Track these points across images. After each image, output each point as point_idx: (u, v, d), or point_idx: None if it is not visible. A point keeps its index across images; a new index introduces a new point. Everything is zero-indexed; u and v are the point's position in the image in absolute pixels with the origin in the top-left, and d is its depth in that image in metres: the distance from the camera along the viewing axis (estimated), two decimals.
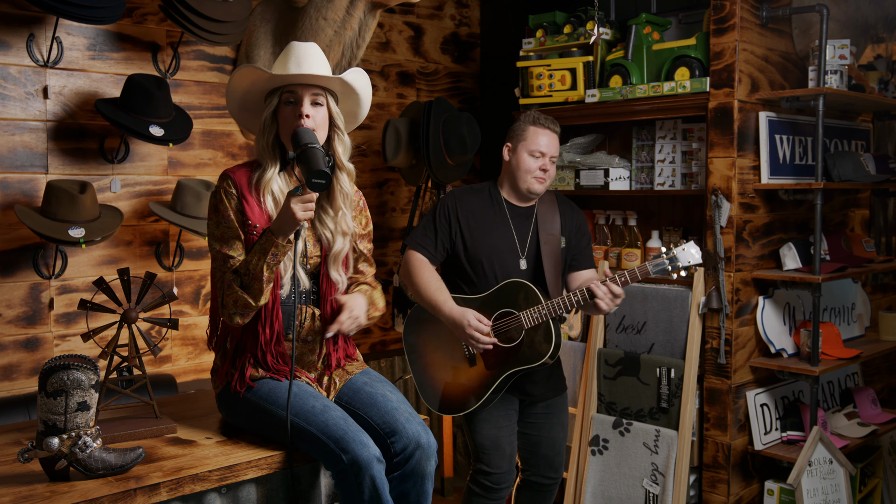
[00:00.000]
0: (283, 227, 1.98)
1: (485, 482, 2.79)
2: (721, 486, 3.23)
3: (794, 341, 3.34)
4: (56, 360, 1.85)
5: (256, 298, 2.03)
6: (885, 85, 3.53)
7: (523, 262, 2.81)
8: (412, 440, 2.05)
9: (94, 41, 3.09)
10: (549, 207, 2.88)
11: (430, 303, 2.74)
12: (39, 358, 2.99)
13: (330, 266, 2.18)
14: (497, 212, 2.84)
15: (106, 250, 3.14)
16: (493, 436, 2.78)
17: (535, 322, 2.67)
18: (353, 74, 2.17)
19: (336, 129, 2.17)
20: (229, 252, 2.08)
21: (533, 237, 2.83)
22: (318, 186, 1.94)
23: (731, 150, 3.13)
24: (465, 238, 2.81)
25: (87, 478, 1.86)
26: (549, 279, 2.78)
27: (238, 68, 2.15)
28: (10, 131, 2.92)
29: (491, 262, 2.79)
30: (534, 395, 2.85)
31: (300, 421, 2.02)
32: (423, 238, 2.82)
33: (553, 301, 2.66)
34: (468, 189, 2.91)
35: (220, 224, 2.10)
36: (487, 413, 2.79)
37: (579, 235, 2.92)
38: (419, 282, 2.76)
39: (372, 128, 4.00)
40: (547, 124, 2.81)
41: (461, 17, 4.46)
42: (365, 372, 2.28)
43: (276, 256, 2.00)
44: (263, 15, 3.46)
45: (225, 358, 2.19)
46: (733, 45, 3.10)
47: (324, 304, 2.19)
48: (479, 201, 2.86)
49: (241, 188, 2.11)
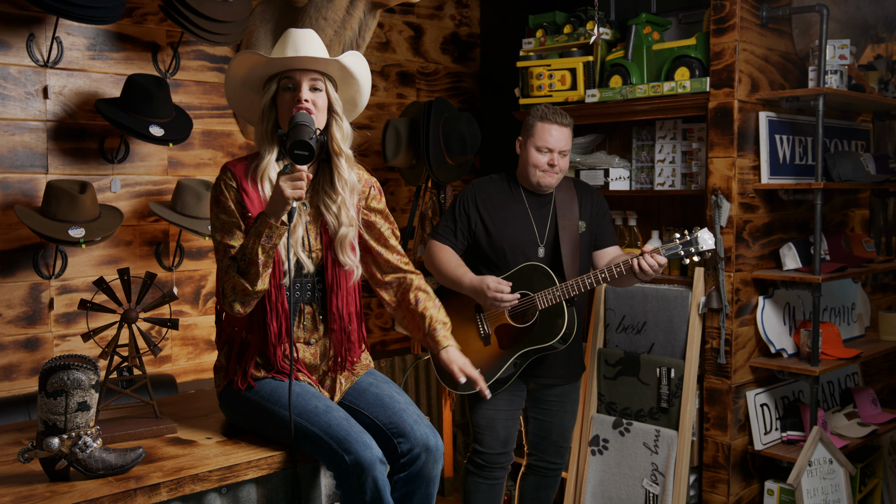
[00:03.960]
0: (274, 207, 1.97)
1: (477, 460, 2.91)
2: (721, 486, 3.23)
3: (794, 341, 3.34)
4: (56, 360, 1.85)
5: (253, 283, 2.00)
6: (885, 85, 3.53)
7: (541, 250, 2.87)
8: (420, 442, 2.04)
9: (94, 41, 3.09)
10: (567, 194, 2.93)
11: (452, 278, 2.83)
12: (39, 358, 2.99)
13: (337, 251, 2.16)
14: (516, 201, 2.90)
15: (106, 250, 3.14)
16: (489, 416, 2.87)
17: (549, 303, 2.74)
18: (350, 57, 2.16)
19: (335, 114, 2.15)
20: (230, 242, 2.07)
21: (552, 225, 2.88)
22: (300, 158, 1.93)
23: (731, 150, 3.13)
24: (486, 227, 2.88)
25: (87, 478, 1.86)
26: (567, 263, 2.83)
27: (237, 55, 2.12)
28: (10, 131, 2.92)
29: (511, 251, 2.85)
30: (551, 382, 2.92)
31: (303, 421, 2.01)
32: (444, 229, 2.92)
33: (567, 283, 2.71)
34: (487, 180, 2.98)
35: (221, 215, 2.10)
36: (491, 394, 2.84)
37: (600, 216, 2.97)
38: (440, 263, 2.87)
39: (372, 128, 4.00)
40: (555, 119, 2.84)
41: (461, 17, 4.46)
42: (370, 373, 2.27)
43: (270, 238, 1.97)
44: (263, 15, 3.46)
45: (230, 355, 2.18)
46: (733, 45, 3.10)
47: (331, 295, 2.16)
48: (498, 191, 2.92)
49: (240, 180, 2.10)
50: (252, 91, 2.20)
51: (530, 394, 2.96)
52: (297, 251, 2.11)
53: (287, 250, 2.05)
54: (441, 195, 3.90)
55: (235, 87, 2.20)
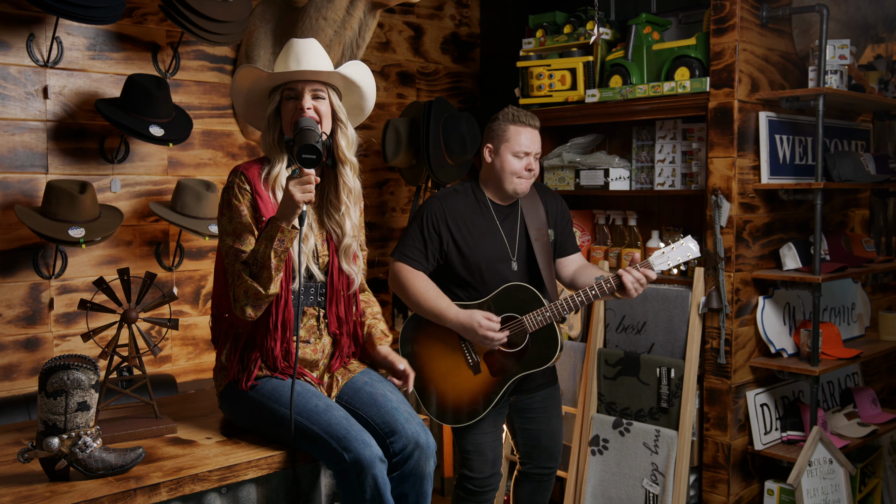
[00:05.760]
0: (284, 211, 1.99)
1: (468, 486, 2.81)
2: (721, 486, 3.24)
3: (794, 341, 3.34)
4: (56, 360, 1.85)
5: (266, 287, 2.01)
6: (885, 85, 3.53)
7: (514, 264, 2.76)
8: (411, 440, 2.05)
9: (94, 41, 3.09)
10: (531, 200, 2.83)
11: (432, 312, 2.67)
12: (39, 358, 2.99)
13: (341, 260, 2.20)
14: (485, 214, 2.76)
15: (106, 250, 3.14)
16: (476, 442, 2.78)
17: (539, 325, 2.64)
18: (351, 68, 2.18)
19: (339, 122, 2.19)
20: (242, 247, 2.08)
21: (522, 236, 2.78)
22: (308, 162, 1.96)
23: (731, 150, 3.13)
24: (458, 246, 2.72)
25: (87, 478, 1.86)
26: (546, 280, 2.75)
27: (238, 69, 2.16)
28: (10, 131, 2.92)
29: (487, 269, 2.73)
30: (530, 390, 2.84)
31: (303, 420, 2.02)
32: (411, 250, 2.71)
33: (557, 303, 2.62)
34: (451, 192, 2.80)
35: (234, 219, 2.10)
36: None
37: (564, 221, 2.89)
38: (416, 293, 2.68)
39: (372, 128, 4.00)
40: (527, 121, 2.74)
41: (461, 17, 4.46)
42: (366, 372, 2.28)
43: (282, 242, 1.99)
44: (263, 15, 3.46)
45: (232, 355, 2.19)
46: (733, 45, 3.10)
47: (336, 300, 2.20)
48: (466, 205, 2.76)
49: (254, 184, 2.12)
50: (258, 100, 2.23)
51: (513, 406, 2.87)
52: (308, 260, 2.13)
53: (298, 256, 2.07)
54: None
55: (240, 99, 2.24)
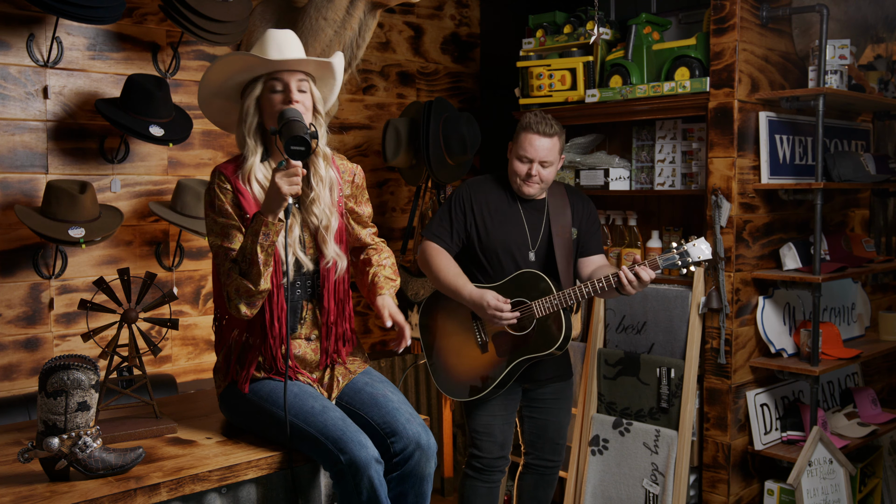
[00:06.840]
0: (270, 204, 1.97)
1: (476, 464, 2.92)
2: (721, 486, 3.23)
3: (794, 341, 3.34)
4: (56, 360, 1.85)
5: (256, 283, 2.00)
6: (885, 85, 3.53)
7: (532, 254, 2.85)
8: (412, 441, 2.05)
9: (94, 41, 3.09)
10: (559, 200, 2.92)
11: (450, 287, 2.80)
12: (39, 358, 2.99)
13: (320, 245, 2.16)
14: (511, 204, 2.88)
15: (106, 250, 3.14)
16: (486, 423, 2.88)
17: (546, 312, 2.72)
18: (339, 59, 2.20)
19: (318, 113, 2.18)
20: (230, 245, 2.07)
21: (545, 230, 2.87)
22: (297, 154, 1.94)
23: (731, 150, 3.13)
24: (479, 229, 2.86)
25: (87, 478, 1.86)
26: (562, 270, 2.82)
27: (226, 55, 2.09)
28: (10, 131, 2.92)
29: (503, 254, 2.84)
30: (542, 380, 2.92)
31: (299, 421, 2.02)
32: (438, 229, 2.88)
33: (564, 292, 2.70)
34: (483, 180, 2.95)
35: (218, 219, 2.09)
36: (486, 401, 2.86)
37: (590, 223, 2.96)
38: (438, 269, 2.83)
39: (372, 128, 4.00)
40: (539, 129, 2.76)
41: (461, 17, 4.46)
42: (366, 372, 2.27)
43: (267, 236, 1.97)
44: (263, 15, 3.45)
45: (230, 357, 2.19)
46: (733, 45, 3.10)
47: (326, 287, 2.18)
48: (494, 193, 2.90)
49: (234, 182, 2.10)
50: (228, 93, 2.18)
51: (525, 393, 2.97)
52: (296, 250, 2.11)
53: (285, 249, 2.06)
54: (441, 195, 3.91)
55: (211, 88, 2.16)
